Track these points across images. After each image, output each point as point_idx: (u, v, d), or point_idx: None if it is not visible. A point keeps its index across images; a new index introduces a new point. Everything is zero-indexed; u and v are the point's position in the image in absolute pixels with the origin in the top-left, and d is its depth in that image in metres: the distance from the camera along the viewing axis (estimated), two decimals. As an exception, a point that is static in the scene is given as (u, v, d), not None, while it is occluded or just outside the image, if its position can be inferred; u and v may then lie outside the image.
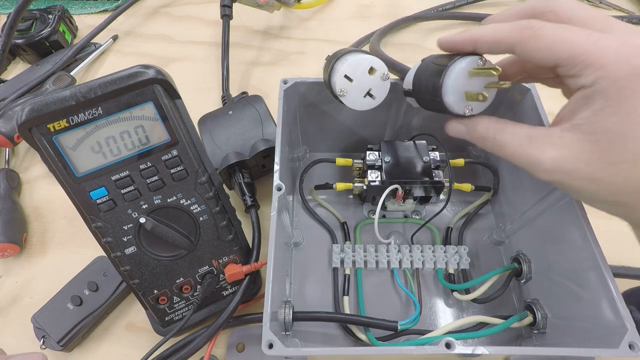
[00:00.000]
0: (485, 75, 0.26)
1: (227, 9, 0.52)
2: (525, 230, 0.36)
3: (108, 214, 0.29)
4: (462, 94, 0.26)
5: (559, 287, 0.31)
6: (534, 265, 0.35)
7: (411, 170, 0.36)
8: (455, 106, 0.26)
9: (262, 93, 0.47)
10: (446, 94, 0.26)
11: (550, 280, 0.33)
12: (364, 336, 0.34)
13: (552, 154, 0.23)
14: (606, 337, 0.25)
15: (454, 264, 0.37)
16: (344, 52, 0.31)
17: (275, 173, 0.31)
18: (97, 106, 0.25)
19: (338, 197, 0.43)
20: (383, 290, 0.38)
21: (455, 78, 0.26)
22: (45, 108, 0.25)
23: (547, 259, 0.33)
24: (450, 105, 0.26)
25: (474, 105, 0.27)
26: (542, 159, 0.23)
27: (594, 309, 0.27)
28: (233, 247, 0.34)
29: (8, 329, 0.37)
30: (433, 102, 0.27)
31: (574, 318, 0.30)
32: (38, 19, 0.55)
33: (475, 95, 0.26)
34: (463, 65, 0.26)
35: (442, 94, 0.26)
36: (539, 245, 0.34)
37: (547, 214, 0.33)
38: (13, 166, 0.47)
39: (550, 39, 0.22)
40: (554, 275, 0.32)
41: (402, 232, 0.41)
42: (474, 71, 0.26)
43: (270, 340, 0.25)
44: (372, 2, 0.63)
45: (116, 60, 0.57)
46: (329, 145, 0.44)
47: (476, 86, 0.26)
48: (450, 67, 0.26)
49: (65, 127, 0.25)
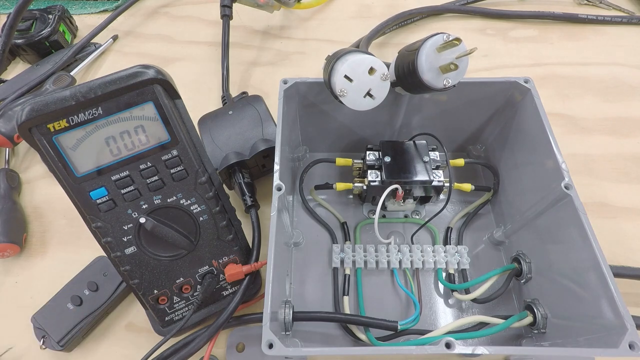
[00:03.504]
0: (451, 47, 0.29)
1: (227, 9, 0.52)
2: (525, 230, 0.36)
3: (108, 214, 0.29)
4: (437, 69, 0.30)
5: (559, 287, 0.31)
6: (534, 265, 0.35)
7: (411, 170, 0.36)
8: (434, 81, 0.30)
9: (262, 93, 0.46)
10: (423, 72, 0.30)
11: (550, 280, 0.33)
12: (364, 336, 0.34)
13: None
14: (606, 337, 0.25)
15: (454, 264, 0.37)
16: (344, 52, 0.31)
17: (275, 173, 0.31)
18: (97, 106, 0.25)
19: (338, 197, 0.43)
20: (383, 290, 0.38)
21: (426, 57, 0.29)
22: (45, 108, 0.25)
23: (547, 259, 0.33)
24: (429, 82, 0.30)
25: (450, 77, 0.30)
26: None
27: (594, 309, 0.27)
28: (233, 247, 0.34)
29: (8, 329, 0.37)
30: (415, 83, 0.31)
31: (574, 318, 0.29)
32: (38, 19, 0.55)
33: (447, 67, 0.29)
34: (430, 44, 0.29)
35: (420, 73, 0.30)
36: (539, 245, 0.34)
37: (547, 214, 0.33)
38: (13, 166, 0.47)
39: None
40: (554, 275, 0.32)
41: (402, 232, 0.41)
42: (441, 46, 0.29)
43: (270, 340, 0.25)
44: (372, 2, 0.63)
45: (116, 60, 0.57)
46: (329, 145, 0.44)
47: (447, 59, 0.30)
48: (420, 49, 0.29)
49: (65, 127, 0.25)
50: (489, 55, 0.55)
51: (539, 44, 0.57)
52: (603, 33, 0.57)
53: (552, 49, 0.56)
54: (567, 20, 0.58)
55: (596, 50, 0.56)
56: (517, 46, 0.56)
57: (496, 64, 0.54)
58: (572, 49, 0.56)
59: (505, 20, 0.59)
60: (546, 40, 0.57)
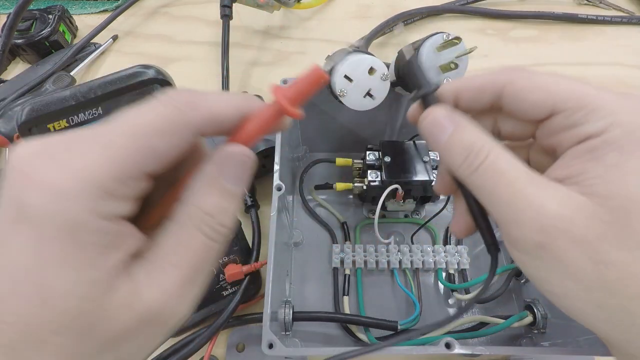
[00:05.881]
0: (451, 46, 0.29)
1: (227, 9, 0.52)
2: (525, 230, 0.36)
3: (108, 214, 0.29)
4: (437, 68, 0.30)
5: (559, 287, 0.31)
6: (534, 265, 0.35)
7: (411, 171, 0.36)
8: (434, 80, 0.29)
9: (262, 93, 0.46)
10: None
11: (550, 280, 0.33)
12: (364, 336, 0.34)
13: (557, 208, 0.16)
14: (606, 337, 0.25)
15: (454, 264, 0.37)
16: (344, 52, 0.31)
17: (275, 173, 0.31)
18: (97, 106, 0.26)
19: (338, 197, 0.43)
20: (383, 290, 0.38)
21: (427, 56, 0.30)
22: (45, 108, 0.25)
23: (547, 259, 0.33)
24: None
25: (450, 76, 0.30)
26: (546, 206, 0.16)
27: (594, 309, 0.27)
28: (233, 247, 0.34)
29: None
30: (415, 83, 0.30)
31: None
32: (38, 19, 0.55)
33: (447, 66, 0.29)
34: (430, 43, 0.29)
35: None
36: (539, 245, 0.34)
37: (547, 214, 0.33)
38: (13, 166, 0.47)
39: (544, 80, 0.19)
40: (554, 275, 0.32)
41: (402, 232, 0.41)
42: (441, 46, 0.29)
43: (270, 340, 0.25)
44: (372, 2, 0.63)
45: (116, 60, 0.57)
46: (329, 145, 0.44)
47: (447, 59, 0.30)
48: (420, 48, 0.29)
49: (65, 127, 0.25)
50: (489, 55, 0.55)
51: (539, 44, 0.57)
52: (603, 33, 0.57)
53: (552, 49, 0.56)
54: (567, 20, 0.58)
55: (596, 50, 0.56)
56: (517, 46, 0.56)
57: (496, 64, 0.54)
58: (572, 49, 0.56)
59: (505, 20, 0.59)
60: (546, 40, 0.57)
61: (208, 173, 0.16)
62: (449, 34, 0.29)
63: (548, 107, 0.18)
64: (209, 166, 0.17)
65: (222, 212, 0.16)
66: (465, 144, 0.18)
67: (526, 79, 0.19)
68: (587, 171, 0.17)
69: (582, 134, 0.17)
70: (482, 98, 0.20)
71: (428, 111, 0.20)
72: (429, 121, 0.20)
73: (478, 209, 0.21)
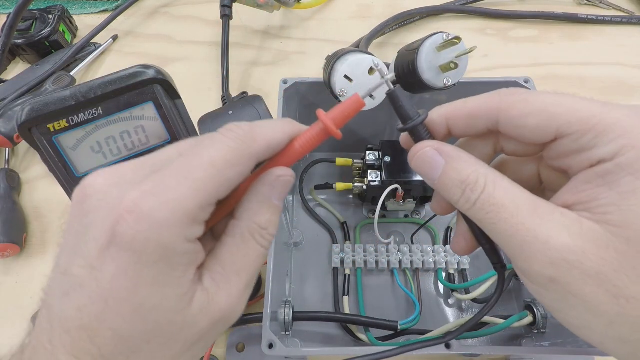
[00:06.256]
0: (451, 45, 0.29)
1: (227, 9, 0.52)
2: (525, 230, 0.36)
3: (108, 214, 0.29)
4: (437, 68, 0.30)
5: (559, 287, 0.31)
6: (534, 265, 0.35)
7: (411, 170, 0.36)
8: (434, 81, 0.30)
9: (262, 93, 0.46)
10: (423, 72, 0.30)
11: (550, 280, 0.33)
12: (364, 336, 0.34)
13: (566, 239, 0.15)
14: (606, 337, 0.25)
15: (454, 264, 0.37)
16: (344, 52, 0.31)
17: (275, 173, 0.31)
18: (97, 106, 0.25)
19: (338, 197, 0.43)
20: (383, 290, 0.38)
21: (426, 56, 0.29)
22: (45, 108, 0.25)
23: (547, 259, 0.33)
24: (429, 81, 0.30)
25: (450, 75, 0.30)
26: (554, 238, 0.16)
27: (594, 309, 0.27)
28: (233, 247, 0.34)
29: (8, 329, 0.37)
30: (415, 83, 0.31)
31: (574, 318, 0.29)
32: (38, 19, 0.55)
33: (447, 66, 0.29)
34: (430, 43, 0.29)
35: (420, 72, 0.30)
36: (539, 245, 0.34)
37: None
38: (13, 166, 0.47)
39: (543, 102, 0.17)
40: (554, 275, 0.32)
41: (402, 232, 0.41)
42: (440, 45, 0.29)
43: (270, 340, 0.25)
44: (372, 2, 0.63)
45: (116, 60, 0.57)
46: (329, 145, 0.44)
47: (447, 58, 0.30)
48: (420, 48, 0.29)
49: (65, 127, 0.25)
50: (488, 55, 0.55)
51: (539, 44, 0.57)
52: (603, 33, 0.57)
53: (552, 49, 0.56)
54: (567, 20, 0.58)
55: (596, 50, 0.56)
56: (517, 46, 0.56)
57: (496, 64, 0.54)
58: (572, 49, 0.56)
59: (505, 20, 0.59)
60: (546, 40, 0.57)
61: (262, 193, 0.19)
62: (448, 34, 0.29)
63: (551, 131, 0.17)
64: (263, 187, 0.19)
65: (272, 225, 0.19)
66: (460, 179, 0.18)
67: (523, 102, 0.17)
68: (599, 197, 0.16)
69: (593, 158, 0.16)
70: (476, 124, 0.19)
71: (416, 147, 0.19)
72: (419, 158, 0.19)
73: (481, 233, 0.21)
